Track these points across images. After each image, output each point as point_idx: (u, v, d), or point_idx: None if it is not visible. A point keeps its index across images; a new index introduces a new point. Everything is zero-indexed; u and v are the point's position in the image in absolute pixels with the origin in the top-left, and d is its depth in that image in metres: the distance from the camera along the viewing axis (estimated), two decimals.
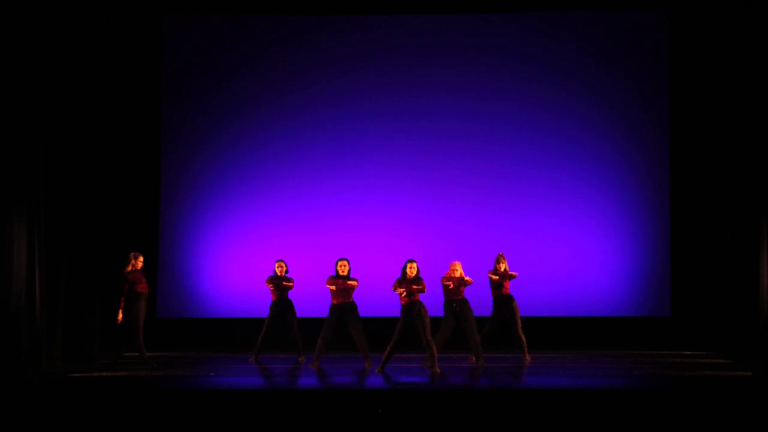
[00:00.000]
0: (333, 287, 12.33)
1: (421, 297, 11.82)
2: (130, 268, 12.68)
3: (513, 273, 12.93)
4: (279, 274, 12.91)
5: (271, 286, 12.87)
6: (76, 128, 12.99)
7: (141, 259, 12.79)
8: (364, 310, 12.65)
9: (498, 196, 14.97)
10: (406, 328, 11.81)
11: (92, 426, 9.53)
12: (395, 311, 12.05)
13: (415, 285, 11.75)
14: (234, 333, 14.98)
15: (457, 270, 12.37)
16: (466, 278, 12.32)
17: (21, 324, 10.94)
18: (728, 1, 13.45)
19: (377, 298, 13.65)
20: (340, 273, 12.35)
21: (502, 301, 12.83)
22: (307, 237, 14.96)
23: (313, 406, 9.76)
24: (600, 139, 14.94)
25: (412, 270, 11.83)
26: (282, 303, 12.92)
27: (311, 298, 14.37)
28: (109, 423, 9.54)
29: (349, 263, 12.40)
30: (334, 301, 12.36)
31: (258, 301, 14.82)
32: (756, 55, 11.97)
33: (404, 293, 11.76)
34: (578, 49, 14.95)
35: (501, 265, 12.89)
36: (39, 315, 11.32)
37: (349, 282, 12.32)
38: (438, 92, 15.01)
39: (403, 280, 11.81)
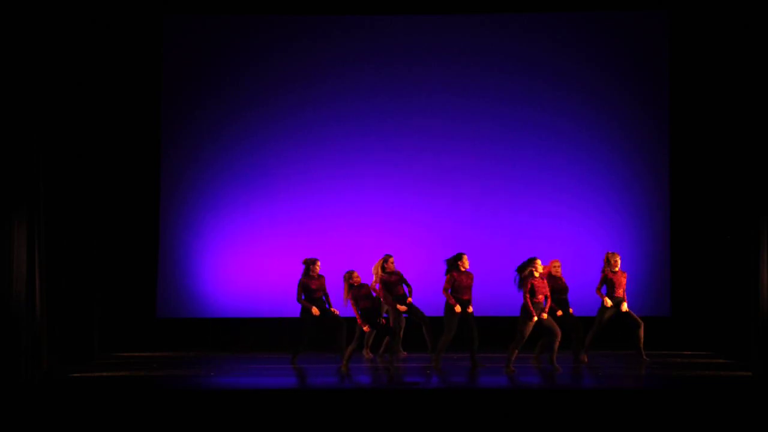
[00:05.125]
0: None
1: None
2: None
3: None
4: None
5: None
6: (76, 128, 12.99)
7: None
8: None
9: (498, 196, 14.96)
10: None
11: (92, 426, 9.53)
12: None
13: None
14: (234, 333, 14.98)
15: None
16: None
17: (21, 324, 10.94)
18: (728, 1, 13.45)
19: None
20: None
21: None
22: (307, 237, 14.95)
23: (312, 406, 9.76)
24: (600, 138, 14.93)
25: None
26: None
27: None
28: (109, 423, 9.54)
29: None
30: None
31: (258, 301, 14.85)
32: (756, 55, 11.97)
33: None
34: (578, 49, 14.95)
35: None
36: (39, 315, 11.31)
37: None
38: (437, 92, 14.99)
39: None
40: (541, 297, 11.75)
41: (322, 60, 15.09)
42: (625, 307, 12.73)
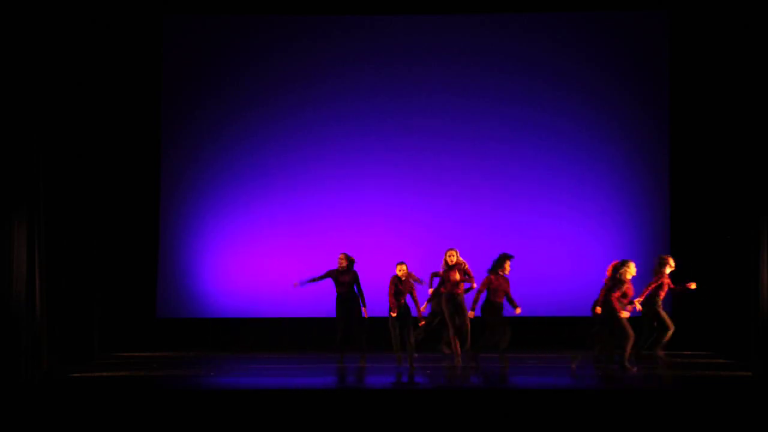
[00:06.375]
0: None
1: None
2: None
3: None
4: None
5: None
6: (76, 128, 12.98)
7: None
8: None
9: (499, 196, 14.97)
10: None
11: (92, 426, 9.52)
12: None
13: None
14: (234, 333, 14.97)
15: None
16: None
17: (21, 324, 10.94)
18: (728, 1, 13.46)
19: (376, 297, 13.57)
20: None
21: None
22: (307, 237, 14.95)
23: (312, 406, 9.76)
24: (600, 138, 14.94)
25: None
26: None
27: (309, 298, 14.39)
28: (109, 423, 9.54)
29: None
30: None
31: (258, 301, 14.85)
32: (756, 54, 11.97)
33: None
34: (578, 49, 14.95)
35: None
36: (39, 315, 11.31)
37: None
38: (437, 92, 15.00)
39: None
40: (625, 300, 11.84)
41: (322, 60, 15.09)
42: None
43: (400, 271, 12.26)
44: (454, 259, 12.43)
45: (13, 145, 11.01)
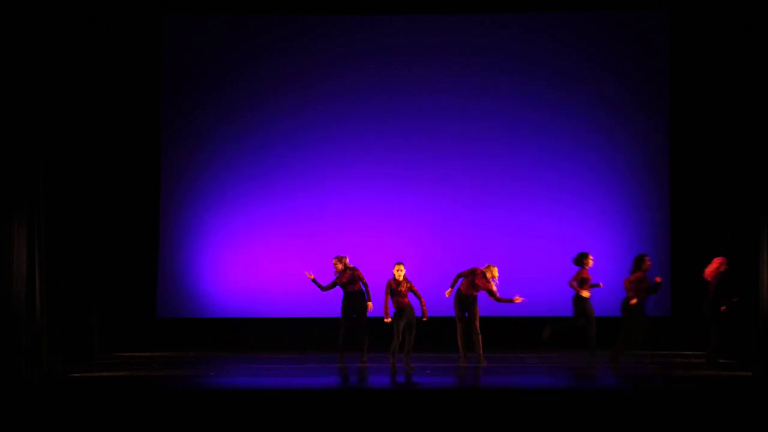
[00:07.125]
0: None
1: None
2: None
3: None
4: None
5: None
6: (76, 128, 12.99)
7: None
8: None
9: (499, 196, 14.96)
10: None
11: (92, 426, 9.53)
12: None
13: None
14: (234, 333, 14.98)
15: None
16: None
17: (21, 324, 10.94)
18: (728, 1, 13.46)
19: (375, 298, 13.58)
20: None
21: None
22: (307, 237, 14.94)
23: (313, 406, 9.76)
24: (600, 138, 14.93)
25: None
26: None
27: (309, 298, 14.38)
28: (109, 423, 9.54)
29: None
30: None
31: (258, 301, 14.85)
32: (756, 54, 11.97)
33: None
34: (578, 49, 14.95)
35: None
36: (39, 315, 11.31)
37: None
38: (437, 92, 14.99)
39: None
40: None
41: (322, 60, 15.09)
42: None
43: (399, 272, 12.11)
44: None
45: (13, 145, 11.01)
